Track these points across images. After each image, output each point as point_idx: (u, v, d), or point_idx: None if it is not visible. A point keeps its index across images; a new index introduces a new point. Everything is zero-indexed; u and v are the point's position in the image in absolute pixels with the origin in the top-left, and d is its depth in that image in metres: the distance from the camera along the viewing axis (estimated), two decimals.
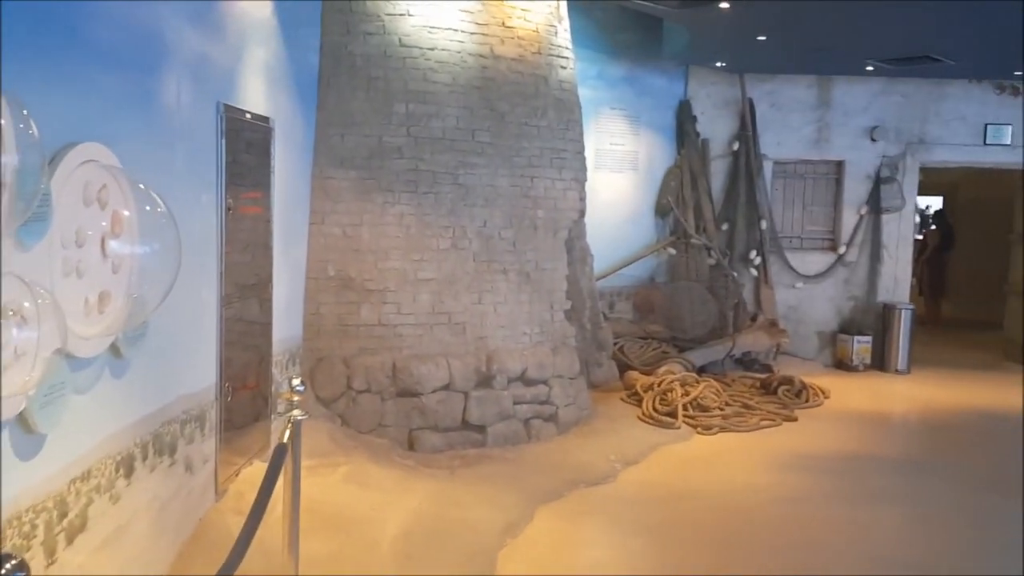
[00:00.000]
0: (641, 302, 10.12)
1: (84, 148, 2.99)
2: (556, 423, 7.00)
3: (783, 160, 10.74)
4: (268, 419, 5.42)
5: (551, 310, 7.29)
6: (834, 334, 10.76)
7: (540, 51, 7.17)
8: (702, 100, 10.43)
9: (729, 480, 6.34)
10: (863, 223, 10.74)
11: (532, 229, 7.09)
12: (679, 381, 8.08)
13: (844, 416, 8.38)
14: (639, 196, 10.15)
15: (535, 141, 7.09)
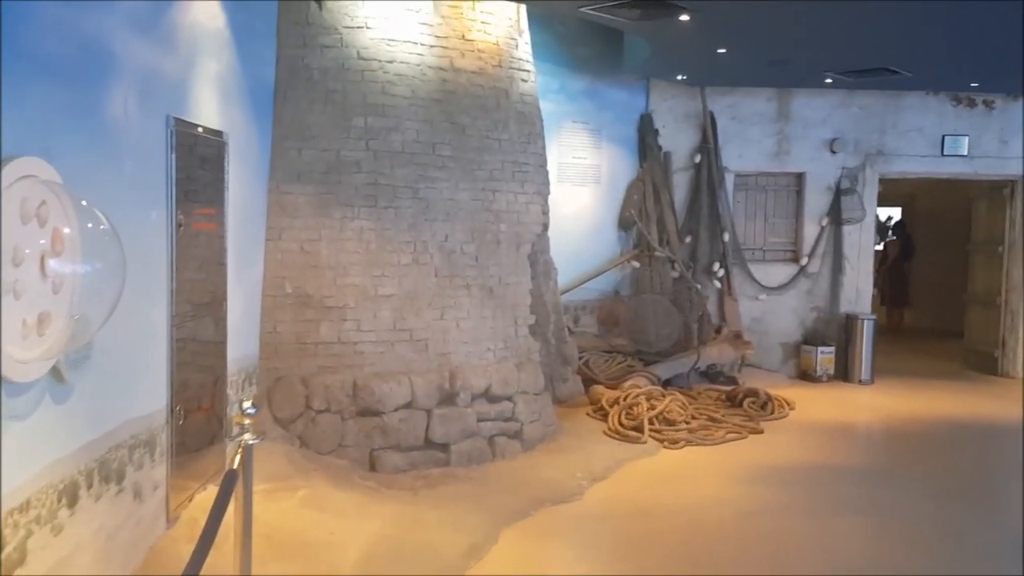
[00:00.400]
0: (606, 316, 10.07)
1: (21, 163, 2.85)
2: (521, 440, 6.89)
3: (745, 172, 10.77)
4: (223, 442, 5.25)
5: (515, 325, 7.20)
6: (798, 345, 10.79)
7: (501, 64, 7.11)
8: (664, 113, 10.43)
9: (696, 495, 6.28)
10: (824, 234, 10.79)
11: (495, 243, 7.01)
12: (645, 395, 8.03)
13: (809, 427, 8.37)
14: (602, 209, 10.11)
15: (497, 154, 7.02)
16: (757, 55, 8.73)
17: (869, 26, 7.43)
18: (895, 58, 8.81)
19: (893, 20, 7.20)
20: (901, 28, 7.51)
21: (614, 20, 7.20)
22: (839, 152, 10.70)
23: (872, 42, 8.10)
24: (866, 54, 8.69)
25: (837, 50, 8.51)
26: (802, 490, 6.45)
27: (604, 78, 9.87)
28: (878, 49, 8.43)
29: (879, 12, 6.92)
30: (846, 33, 7.68)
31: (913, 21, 7.23)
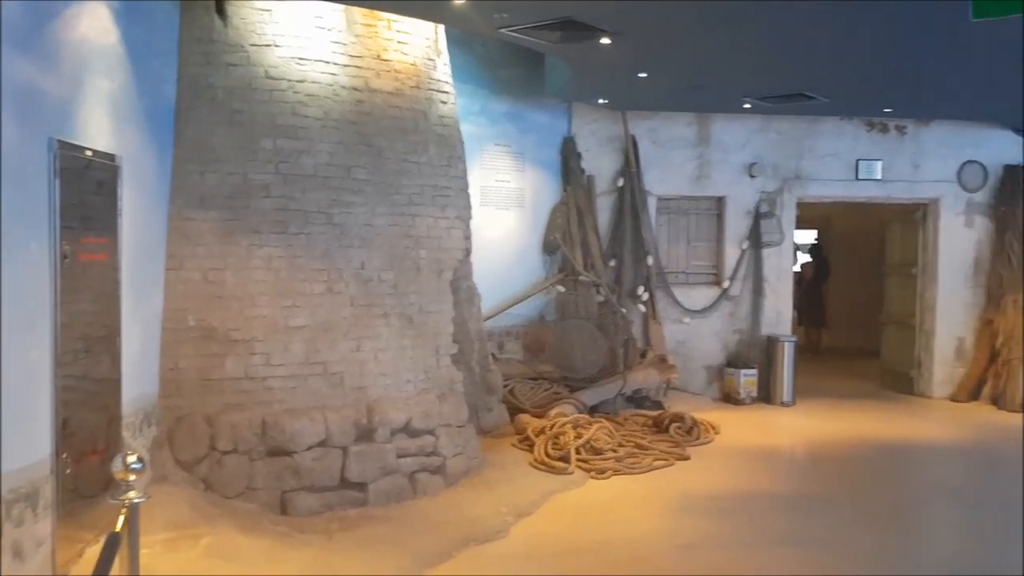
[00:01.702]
0: (531, 342, 9.88)
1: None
2: (444, 475, 6.61)
3: (667, 196, 10.76)
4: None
5: (437, 355, 6.94)
6: (721, 368, 10.78)
7: (419, 85, 6.89)
8: (586, 137, 10.35)
9: (626, 528, 6.08)
10: (745, 257, 10.84)
11: (415, 270, 6.75)
12: (571, 423, 7.83)
13: (735, 452, 8.30)
14: (526, 233, 9.95)
15: (416, 178, 6.77)
16: (677, 80, 8.71)
17: (785, 53, 7.46)
18: (811, 84, 8.90)
19: (808, 47, 7.24)
20: (816, 55, 7.56)
21: (535, 42, 7.06)
22: (758, 176, 10.78)
23: (788, 68, 8.15)
24: (783, 80, 8.75)
25: (755, 76, 8.54)
26: (732, 520, 6.31)
27: (526, 101, 9.74)
28: (794, 75, 8.50)
29: (795, 39, 6.95)
30: (763, 59, 7.71)
31: (827, 48, 7.28)
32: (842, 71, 8.26)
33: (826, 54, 7.55)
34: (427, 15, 6.75)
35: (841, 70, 8.20)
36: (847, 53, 7.47)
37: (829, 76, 8.52)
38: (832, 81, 8.74)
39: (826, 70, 8.24)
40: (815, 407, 10.43)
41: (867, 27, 6.56)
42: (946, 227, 11.07)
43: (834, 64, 7.94)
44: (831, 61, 7.81)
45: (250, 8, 6.07)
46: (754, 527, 6.21)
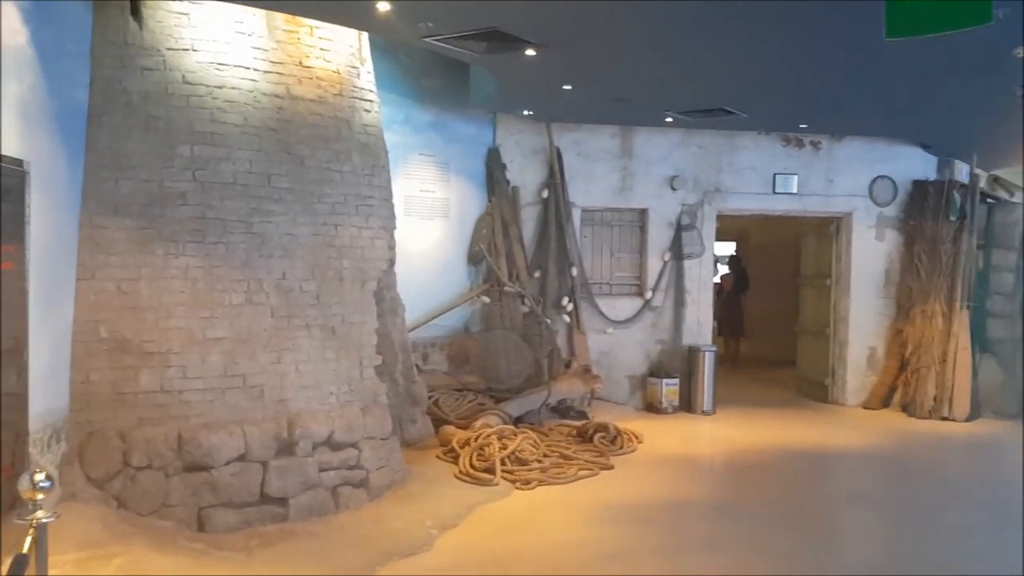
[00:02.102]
0: (456, 352, 9.83)
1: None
2: (367, 489, 6.51)
3: (591, 208, 10.86)
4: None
5: (360, 366, 6.83)
6: (644, 377, 10.91)
7: (342, 93, 6.80)
8: (511, 148, 10.39)
9: (550, 539, 6.08)
10: (667, 269, 11.01)
11: (337, 280, 6.64)
12: (496, 434, 7.81)
13: (657, 461, 8.40)
14: (451, 244, 9.91)
15: (339, 187, 6.68)
16: (601, 93, 8.81)
17: (706, 69, 7.61)
18: (730, 99, 9.11)
19: (728, 64, 7.41)
20: (735, 71, 7.74)
21: (460, 52, 7.05)
22: (679, 189, 10.97)
23: (709, 84, 8.33)
24: (704, 95, 8.93)
25: (677, 90, 8.70)
26: (655, 528, 6.38)
27: (451, 111, 9.71)
28: (715, 91, 8.69)
29: (715, 56, 7.10)
30: (685, 75, 7.86)
31: (746, 65, 7.46)
32: (760, 88, 8.48)
33: (745, 71, 7.73)
34: (351, 22, 6.68)
35: (759, 87, 8.42)
36: (765, 70, 7.67)
37: (748, 92, 8.74)
38: (751, 97, 8.97)
39: (745, 86, 8.45)
40: (734, 416, 10.64)
41: (784, 45, 6.75)
42: (858, 240, 11.43)
43: (752, 81, 8.15)
44: (750, 78, 8.01)
45: (167, 11, 5.91)
46: (676, 534, 6.29)
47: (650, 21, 6.11)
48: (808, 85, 8.30)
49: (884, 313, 11.47)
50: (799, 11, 5.73)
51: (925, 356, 10.90)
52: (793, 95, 8.87)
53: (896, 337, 11.32)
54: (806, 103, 9.32)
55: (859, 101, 9.01)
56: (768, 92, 8.69)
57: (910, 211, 11.36)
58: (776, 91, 8.63)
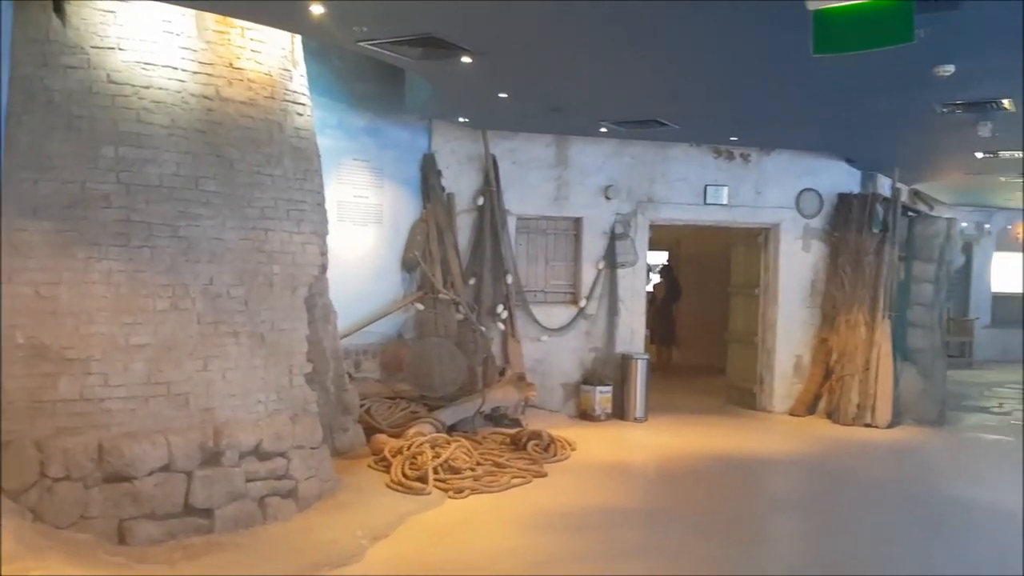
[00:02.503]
0: (389, 360, 9.74)
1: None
2: (296, 499, 6.39)
3: (526, 216, 10.89)
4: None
5: (290, 374, 6.72)
6: (578, 385, 10.96)
7: (274, 95, 6.69)
8: (446, 155, 10.35)
9: (483, 547, 6.06)
10: (601, 277, 11.09)
11: (267, 286, 6.52)
12: (429, 443, 7.76)
13: (590, 468, 8.44)
14: (385, 250, 9.81)
15: (269, 191, 6.56)
16: (537, 102, 8.85)
17: (639, 80, 7.70)
18: (663, 111, 9.24)
19: (661, 76, 7.51)
20: (668, 84, 7.85)
21: (394, 57, 7.01)
22: (613, 198, 11.07)
23: (642, 95, 8.43)
24: (637, 106, 9.04)
25: (611, 101, 8.79)
26: (586, 535, 6.40)
27: (385, 116, 9.64)
28: (648, 102, 8.80)
29: (648, 68, 7.19)
30: (619, 86, 7.94)
31: (679, 78, 7.57)
32: (692, 100, 8.62)
33: (677, 84, 7.85)
34: (284, 25, 6.59)
35: (691, 100, 8.57)
36: (697, 84, 7.80)
37: (680, 105, 8.88)
38: (683, 109, 9.12)
39: (677, 99, 8.58)
40: (665, 423, 10.76)
41: (715, 60, 6.87)
42: (785, 251, 11.69)
43: (685, 94, 8.28)
44: (682, 91, 8.13)
45: (91, 8, 5.74)
46: (607, 541, 6.32)
47: (585, 32, 6.16)
48: (738, 99, 8.47)
49: (810, 322, 11.74)
50: (730, 27, 5.85)
51: (849, 364, 11.18)
52: (724, 108, 9.04)
53: (821, 346, 11.60)
54: (736, 116, 9.51)
55: (787, 115, 9.23)
56: (700, 105, 8.85)
57: (835, 223, 11.67)
58: (708, 104, 8.78)
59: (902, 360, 11.25)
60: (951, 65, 6.51)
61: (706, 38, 6.18)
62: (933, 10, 5.03)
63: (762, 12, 5.40)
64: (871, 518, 7.21)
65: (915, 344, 11.37)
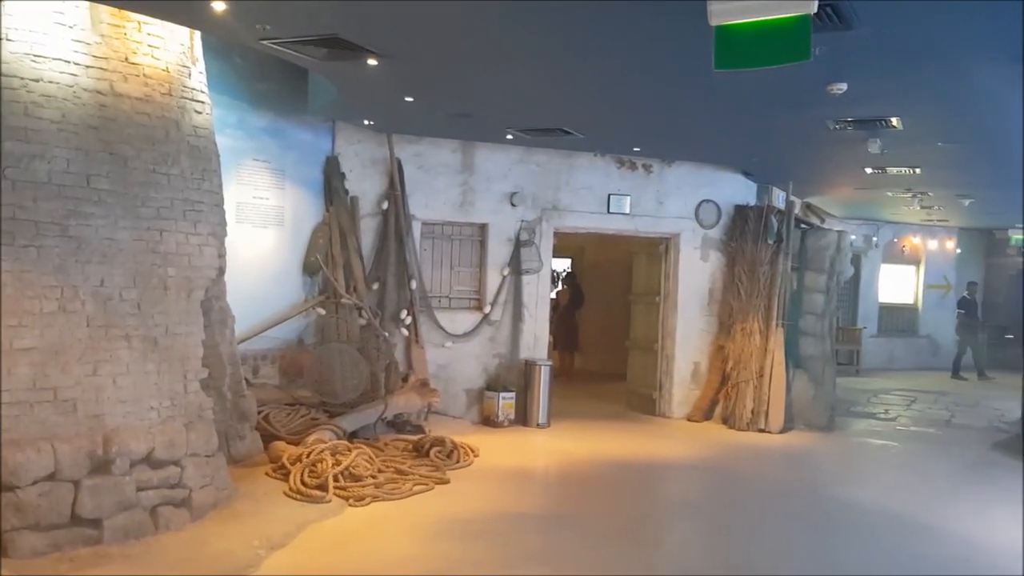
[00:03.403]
0: (288, 365, 9.55)
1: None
2: (190, 508, 6.20)
3: (431, 221, 10.85)
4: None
5: (184, 380, 6.51)
6: (481, 391, 10.97)
7: (171, 92, 6.49)
8: (350, 157, 10.22)
9: (382, 556, 5.99)
10: (506, 284, 11.14)
11: (162, 289, 6.31)
12: (330, 450, 7.63)
13: (493, 474, 8.46)
14: (286, 253, 9.62)
15: (165, 191, 6.35)
16: (443, 107, 8.84)
17: (545, 89, 7.76)
18: (568, 120, 9.34)
19: (566, 86, 7.59)
20: (573, 94, 7.94)
21: (298, 57, 6.88)
22: (519, 205, 11.13)
23: (548, 104, 8.51)
24: (543, 114, 9.12)
25: (517, 108, 8.85)
26: (487, 542, 6.41)
27: (288, 117, 9.46)
28: (553, 111, 8.89)
29: (553, 77, 7.25)
30: (524, 93, 7.99)
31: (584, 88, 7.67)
32: (597, 111, 8.75)
33: (582, 94, 7.94)
34: (184, 21, 6.40)
35: (596, 110, 8.68)
36: (601, 95, 7.91)
37: (585, 114, 9.01)
38: (588, 119, 9.25)
39: (582, 109, 8.69)
40: (568, 428, 10.87)
41: (619, 72, 6.99)
42: (685, 260, 11.98)
43: (589, 104, 8.38)
44: (587, 101, 8.24)
45: None
46: (507, 547, 6.34)
47: (492, 38, 6.18)
48: (642, 110, 8.64)
49: (708, 330, 12.05)
50: (635, 40, 5.96)
51: (744, 371, 11.52)
52: (628, 119, 9.20)
53: (718, 353, 11.92)
54: (639, 128, 9.70)
55: (688, 128, 9.47)
56: (604, 115, 8.98)
57: (732, 234, 12.02)
58: (612, 115, 8.92)
59: (794, 367, 11.65)
60: (844, 83, 6.79)
61: (612, 50, 6.28)
62: (829, 30, 5.27)
63: (666, 26, 5.53)
64: (764, 519, 7.45)
65: (806, 352, 11.79)
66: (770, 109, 8.09)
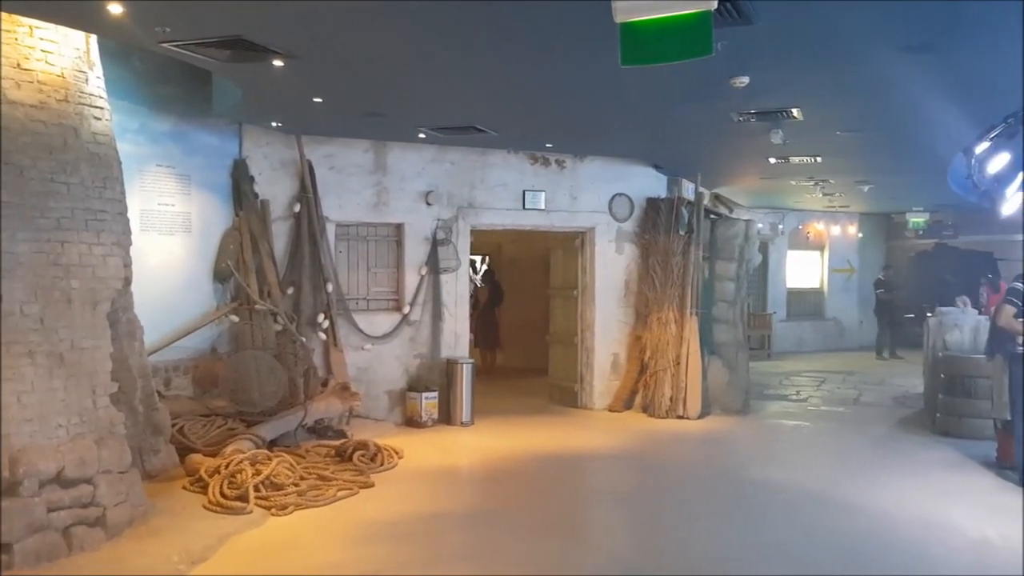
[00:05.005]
0: (202, 376, 9.31)
1: None
2: (105, 527, 6.00)
3: (345, 222, 10.72)
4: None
5: (93, 395, 6.28)
6: (403, 392, 10.91)
7: (68, 99, 6.25)
8: (259, 160, 10.02)
9: (307, 563, 5.90)
10: (424, 283, 11.09)
11: (65, 302, 6.08)
12: (249, 460, 7.47)
13: (418, 475, 8.42)
14: (195, 260, 9.37)
15: (65, 200, 6.12)
16: (352, 107, 8.74)
17: (455, 87, 7.76)
18: (481, 118, 9.35)
19: (476, 83, 7.59)
20: (484, 91, 7.95)
21: (201, 60, 6.70)
22: (434, 204, 11.10)
23: (459, 102, 8.50)
24: (454, 112, 9.11)
25: (428, 107, 8.81)
26: (414, 543, 6.38)
27: (192, 120, 9.21)
28: (465, 108, 8.88)
29: (463, 75, 7.25)
30: (435, 92, 7.96)
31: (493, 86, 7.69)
32: (508, 108, 8.79)
33: (493, 91, 7.97)
34: (79, 24, 6.17)
35: (507, 107, 8.72)
36: (512, 91, 7.94)
37: (497, 112, 9.03)
38: (500, 116, 9.27)
39: (494, 106, 8.71)
40: (492, 425, 10.90)
41: (528, 69, 7.02)
42: (601, 253, 12.13)
43: (501, 101, 8.42)
44: (498, 98, 8.27)
45: None
46: (434, 547, 6.32)
47: (400, 37, 6.13)
48: (552, 107, 8.70)
49: (625, 321, 12.24)
50: (543, 37, 6.00)
51: (661, 360, 11.74)
52: (539, 116, 9.26)
53: (636, 343, 12.12)
54: (551, 124, 9.77)
55: (598, 123, 9.58)
56: (516, 112, 9.02)
57: (645, 226, 12.22)
58: (523, 111, 8.97)
59: (709, 354, 11.93)
60: (746, 77, 6.97)
61: (520, 47, 6.31)
62: (730, 25, 5.40)
63: (573, 24, 5.59)
64: (687, 503, 7.61)
65: (720, 339, 12.09)
66: (676, 103, 8.25)
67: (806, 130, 9.22)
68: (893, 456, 9.49)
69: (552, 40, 6.10)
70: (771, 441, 10.59)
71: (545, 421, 11.39)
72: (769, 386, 14.46)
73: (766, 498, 7.78)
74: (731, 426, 11.18)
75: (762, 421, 11.58)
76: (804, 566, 5.95)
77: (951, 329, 11.13)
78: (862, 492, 7.85)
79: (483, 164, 11.38)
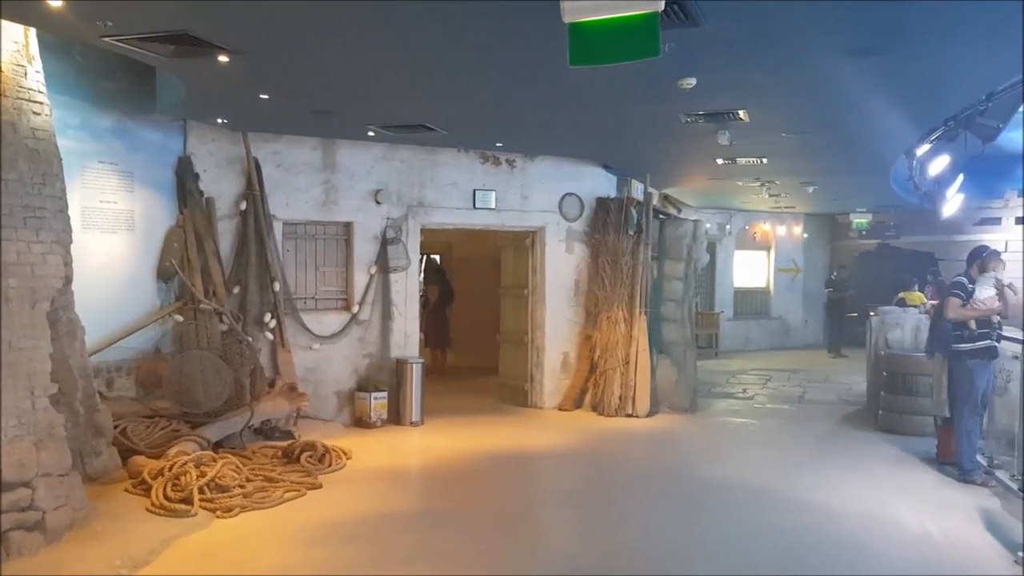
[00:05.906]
0: (145, 376, 9.13)
1: None
2: (44, 531, 5.85)
3: (293, 221, 10.60)
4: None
5: (32, 396, 6.13)
6: (352, 392, 10.83)
7: (5, 93, 6.09)
8: (204, 157, 9.85)
9: (253, 566, 5.83)
10: (373, 282, 11.01)
11: (3, 302, 5.91)
12: (193, 461, 7.35)
13: (366, 476, 8.36)
14: (138, 259, 9.19)
15: (3, 197, 5.95)
16: (300, 104, 8.64)
17: (404, 84, 7.71)
18: (430, 116, 9.32)
19: (425, 82, 7.55)
20: (433, 90, 7.92)
21: (144, 55, 6.57)
22: (384, 203, 11.03)
23: (408, 99, 8.44)
24: (403, 110, 9.05)
25: (377, 105, 8.75)
26: (362, 544, 6.34)
27: (135, 116, 9.02)
28: (414, 106, 8.83)
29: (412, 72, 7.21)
30: (384, 89, 7.90)
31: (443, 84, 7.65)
32: (458, 107, 8.76)
33: (442, 90, 7.93)
34: (17, 17, 6.00)
35: (456, 105, 8.69)
36: (461, 90, 7.92)
37: (447, 110, 9.00)
38: (450, 115, 9.24)
39: (443, 104, 8.68)
40: (442, 425, 10.87)
41: (478, 68, 7.02)
42: (551, 253, 12.18)
43: (450, 99, 8.38)
44: (447, 96, 8.23)
45: None
46: (383, 548, 6.29)
47: (347, 34, 6.08)
48: (501, 106, 8.71)
49: (575, 320, 12.30)
50: (492, 36, 5.99)
51: (611, 359, 11.82)
52: (488, 115, 9.26)
53: (586, 342, 12.18)
54: (500, 123, 9.78)
55: (547, 123, 9.60)
56: (465, 111, 9.00)
57: (595, 226, 12.29)
58: (473, 110, 8.96)
59: (658, 353, 12.04)
60: (693, 78, 7.05)
61: (469, 46, 6.31)
62: (677, 27, 5.46)
63: (521, 23, 5.59)
64: (637, 501, 7.68)
65: (669, 337, 12.21)
66: (625, 104, 8.31)
67: (752, 131, 9.35)
68: (837, 453, 9.68)
69: (501, 39, 6.10)
70: (718, 439, 10.72)
71: (495, 420, 11.39)
72: (716, 384, 14.65)
73: (713, 495, 7.88)
74: (679, 424, 11.30)
75: (710, 419, 11.72)
76: (750, 561, 6.05)
77: (893, 328, 11.40)
78: (807, 488, 8.00)
79: (433, 163, 11.34)
